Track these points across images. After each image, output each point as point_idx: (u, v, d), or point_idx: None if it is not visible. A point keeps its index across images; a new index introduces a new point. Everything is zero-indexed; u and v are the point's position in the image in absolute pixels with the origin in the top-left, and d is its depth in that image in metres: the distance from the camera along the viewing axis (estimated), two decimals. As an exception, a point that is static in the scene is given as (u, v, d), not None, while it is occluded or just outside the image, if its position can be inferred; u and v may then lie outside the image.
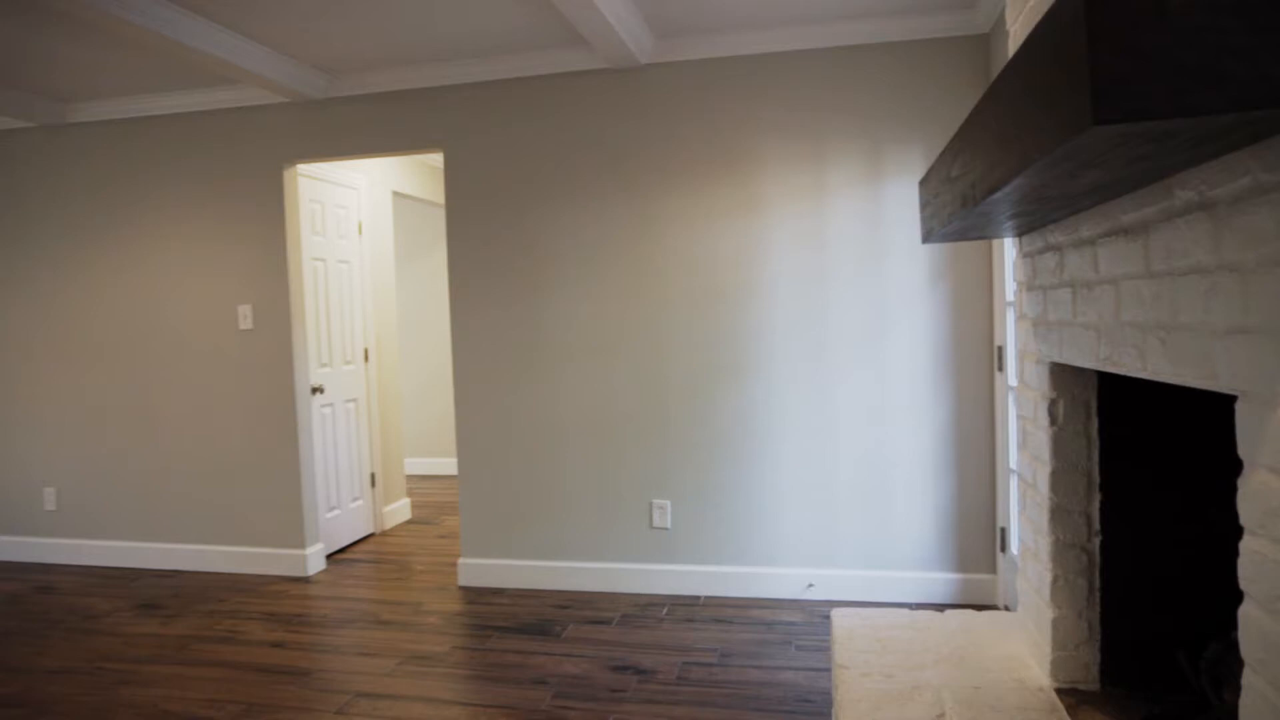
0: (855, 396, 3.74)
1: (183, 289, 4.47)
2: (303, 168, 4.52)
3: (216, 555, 4.51)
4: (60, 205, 4.64)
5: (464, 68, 3.97)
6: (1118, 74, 0.86)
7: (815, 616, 3.60)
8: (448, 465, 7.03)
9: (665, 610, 3.74)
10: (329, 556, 4.70)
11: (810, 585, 3.80)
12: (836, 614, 2.60)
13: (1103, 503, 2.01)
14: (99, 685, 3.15)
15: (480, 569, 4.16)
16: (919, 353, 3.68)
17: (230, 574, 4.45)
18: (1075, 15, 0.90)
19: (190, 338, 4.48)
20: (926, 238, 2.14)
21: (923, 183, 2.13)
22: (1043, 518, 2.12)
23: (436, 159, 5.99)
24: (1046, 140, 1.02)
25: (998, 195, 1.34)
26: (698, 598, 3.88)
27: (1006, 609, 3.50)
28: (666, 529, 3.95)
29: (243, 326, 4.38)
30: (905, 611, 2.59)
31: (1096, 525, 2.02)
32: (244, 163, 4.34)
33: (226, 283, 4.40)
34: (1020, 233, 2.14)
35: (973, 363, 3.64)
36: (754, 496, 3.86)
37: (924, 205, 2.15)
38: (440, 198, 6.15)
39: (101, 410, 4.65)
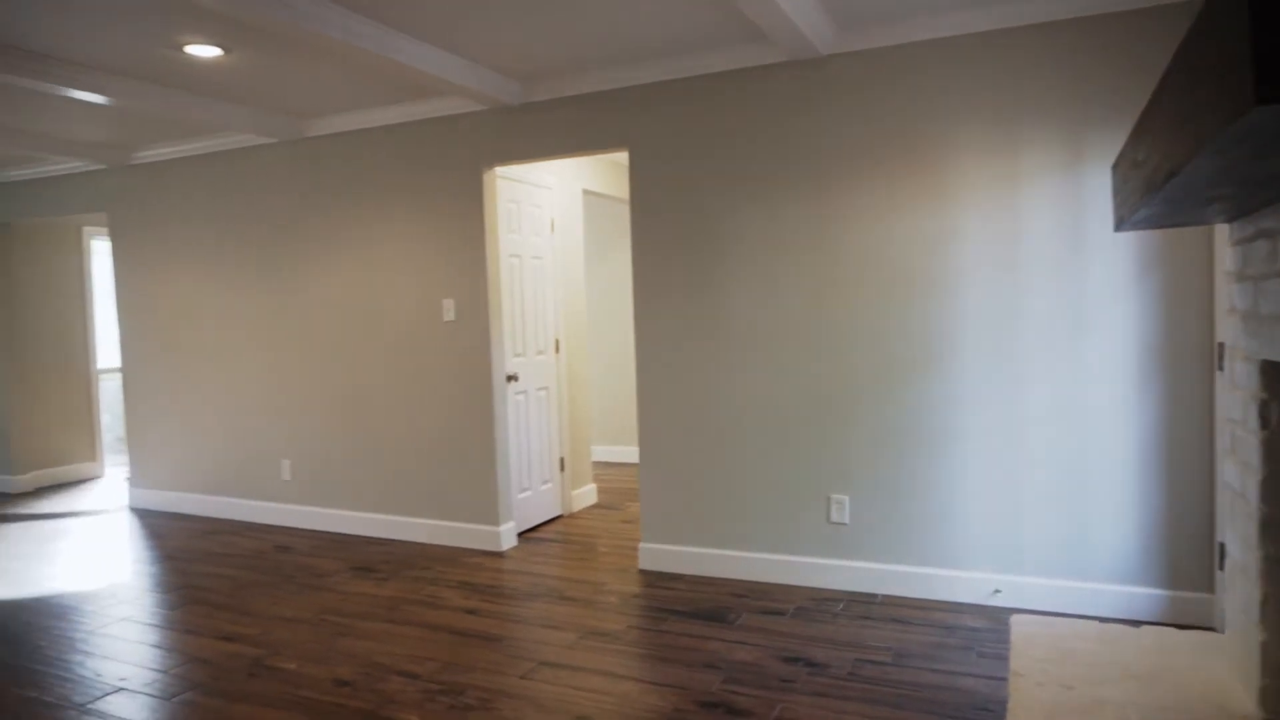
0: (1049, 394, 3.53)
1: (396, 284, 4.91)
2: (500, 170, 4.83)
3: (421, 527, 4.93)
4: (295, 212, 5.23)
5: (646, 69, 4.10)
6: (1284, 49, 0.80)
7: (1000, 624, 3.44)
8: (633, 453, 7.26)
9: (841, 606, 3.71)
10: (520, 534, 5.02)
11: (996, 591, 3.64)
12: (1016, 620, 2.49)
13: (1324, 516, 1.81)
14: (322, 634, 3.55)
15: (659, 554, 4.29)
16: (1123, 349, 3.41)
17: (433, 545, 4.86)
18: (1240, -12, 0.85)
19: (402, 328, 4.91)
20: (1118, 225, 2.01)
21: (1114, 167, 2.00)
22: (1252, 530, 1.94)
23: (624, 157, 6.19)
24: (1215, 121, 0.96)
25: (1178, 180, 1.26)
26: (875, 595, 3.81)
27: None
28: (845, 524, 3.91)
29: (446, 318, 4.75)
30: (1093, 623, 2.44)
31: (1316, 541, 1.82)
32: (448, 167, 4.70)
33: (433, 278, 4.79)
34: (1229, 218, 1.96)
35: (1188, 361, 3.33)
36: (937, 495, 3.73)
37: (1115, 191, 2.02)
38: (628, 194, 6.35)
39: (327, 392, 5.20)
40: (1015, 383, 3.57)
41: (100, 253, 7.65)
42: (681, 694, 2.92)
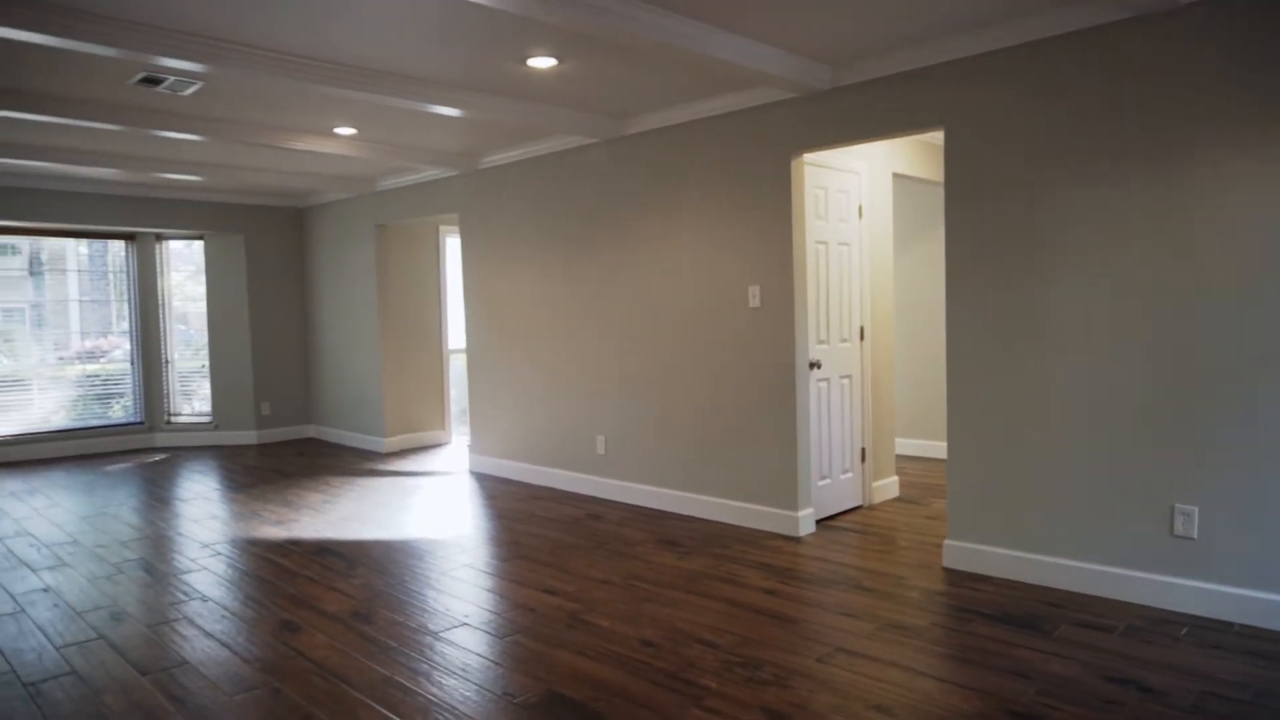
0: None
1: (704, 271, 5.10)
2: (807, 156, 4.82)
3: (722, 507, 5.09)
4: (612, 205, 5.61)
5: (964, 41, 3.87)
6: None
7: (1403, 674, 2.85)
8: (938, 448, 6.92)
9: (1184, 630, 3.27)
10: (818, 522, 5.00)
11: (1399, 635, 3.01)
12: None
13: None
14: (630, 597, 3.81)
15: (966, 553, 4.07)
16: None
17: (732, 525, 5.00)
18: None
19: (708, 314, 5.09)
20: None
21: None
22: None
23: (937, 137, 5.90)
24: None
25: None
26: (1230, 624, 3.32)
27: None
28: (1191, 539, 3.44)
29: (752, 305, 4.85)
30: None
31: None
32: (756, 156, 4.78)
33: (740, 265, 4.91)
34: None
35: None
36: (1316, 514, 3.16)
37: None
38: (942, 176, 6.04)
39: (640, 374, 5.54)
40: None
41: (451, 248, 8.75)
42: (987, 699, 2.76)
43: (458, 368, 8.72)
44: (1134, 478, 3.57)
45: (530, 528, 5.07)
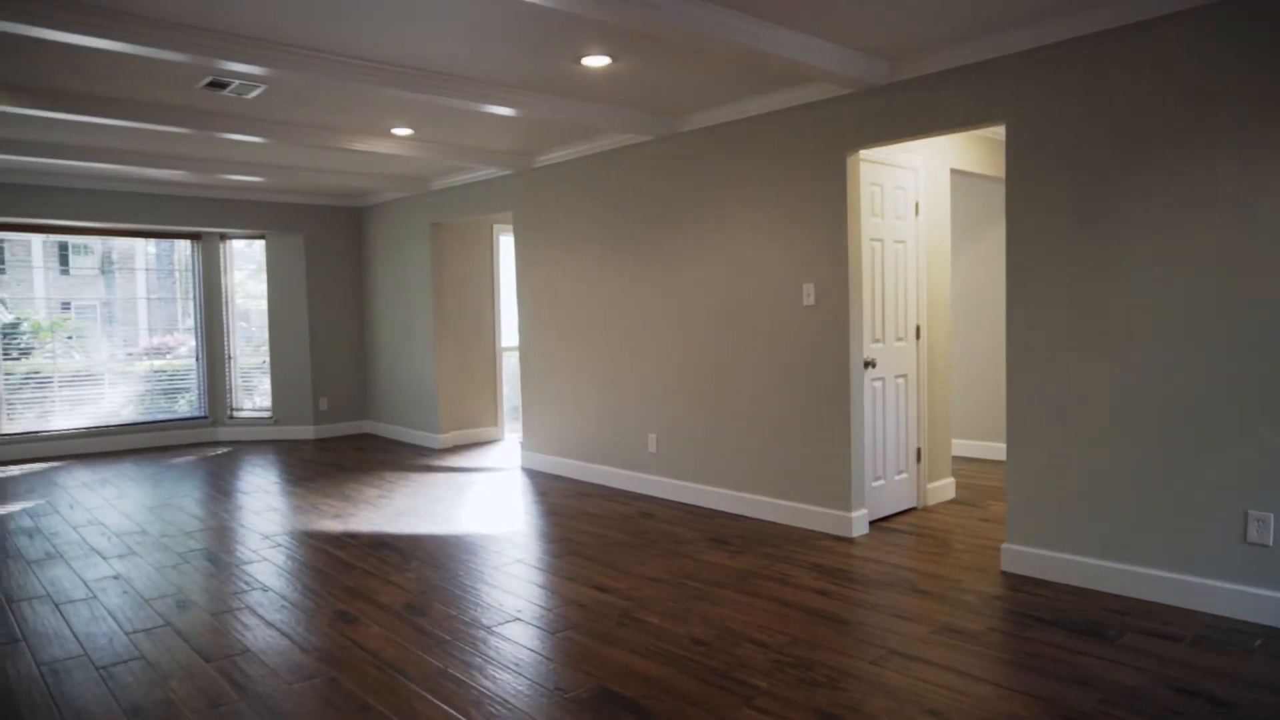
0: None
1: (757, 269, 5.07)
2: (863, 152, 4.75)
3: (773, 507, 5.05)
4: (664, 203, 5.61)
5: (1027, 34, 3.77)
6: None
7: None
8: (995, 450, 6.77)
9: (1258, 641, 3.15)
10: (871, 523, 4.93)
11: None
12: None
13: None
14: (681, 596, 3.80)
15: (1025, 557, 3.97)
16: None
17: (783, 525, 4.95)
18: None
19: (761, 312, 5.06)
20: None
21: None
22: None
23: (997, 132, 5.78)
24: None
25: None
26: (1305, 636, 3.19)
27: None
28: (1267, 546, 3.31)
29: (806, 303, 4.80)
30: None
31: None
32: (810, 153, 4.73)
33: (793, 263, 4.86)
34: None
35: None
36: (1401, 523, 3.02)
37: None
38: (1002, 172, 5.91)
39: (691, 372, 5.52)
40: None
41: (506, 246, 8.83)
42: (1046, 706, 2.69)
43: (511, 365, 8.79)
44: (1205, 481, 3.45)
45: (581, 524, 5.10)
